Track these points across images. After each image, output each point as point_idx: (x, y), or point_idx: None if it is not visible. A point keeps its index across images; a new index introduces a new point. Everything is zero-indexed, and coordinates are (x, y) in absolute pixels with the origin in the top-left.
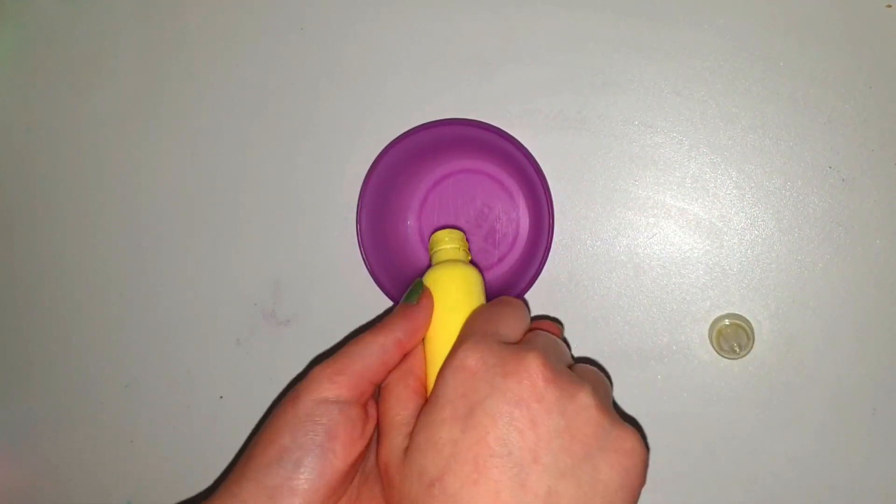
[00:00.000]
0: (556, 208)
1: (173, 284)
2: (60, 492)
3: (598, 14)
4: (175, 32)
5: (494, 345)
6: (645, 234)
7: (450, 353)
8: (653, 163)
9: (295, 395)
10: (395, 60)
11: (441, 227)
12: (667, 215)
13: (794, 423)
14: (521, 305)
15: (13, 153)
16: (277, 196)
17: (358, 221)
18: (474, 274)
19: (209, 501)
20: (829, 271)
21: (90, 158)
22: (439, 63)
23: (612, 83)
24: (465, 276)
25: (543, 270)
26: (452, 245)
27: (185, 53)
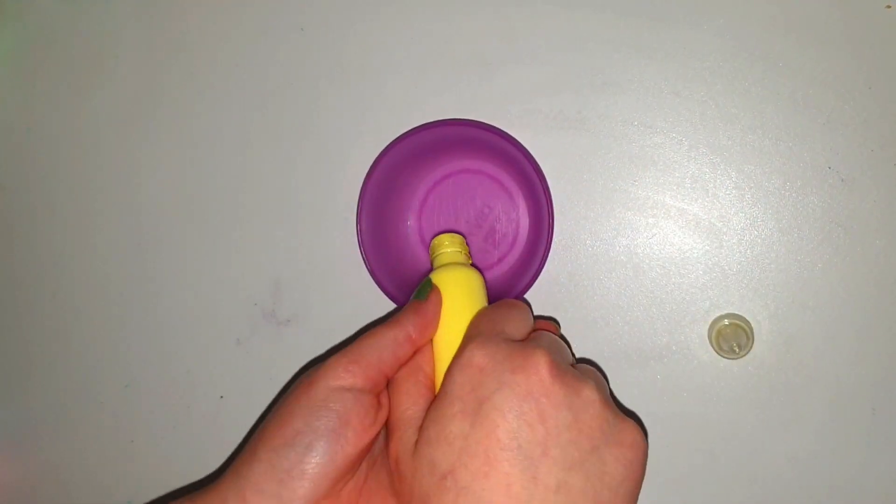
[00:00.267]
0: (556, 208)
1: (173, 284)
2: (60, 492)
3: (598, 14)
4: (175, 32)
5: (502, 342)
6: (645, 234)
7: (458, 352)
8: (652, 163)
9: (310, 380)
10: (395, 60)
11: (441, 232)
12: (666, 215)
13: (793, 423)
14: (525, 307)
15: (13, 153)
16: (277, 196)
17: (358, 221)
18: (476, 276)
19: (218, 482)
20: (828, 271)
21: (90, 158)
22: (439, 63)
23: (612, 83)
24: (467, 279)
25: (543, 270)
26: (454, 248)
27: (185, 53)
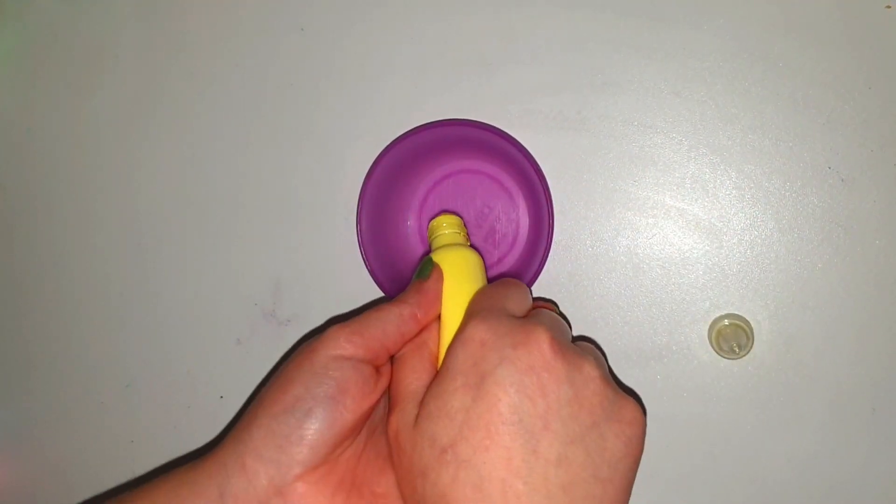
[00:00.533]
0: (556, 208)
1: (173, 284)
2: (61, 492)
3: (598, 14)
4: (175, 32)
5: (504, 318)
6: (645, 234)
7: (459, 328)
8: (652, 163)
9: (311, 349)
10: (395, 60)
11: (439, 213)
12: (666, 216)
13: (793, 423)
14: (524, 286)
15: (13, 153)
16: (277, 196)
17: (358, 221)
18: (475, 256)
19: (218, 449)
20: (828, 271)
21: (90, 158)
22: (439, 63)
23: (612, 83)
24: (466, 258)
25: (543, 271)
26: (451, 230)
27: (185, 53)
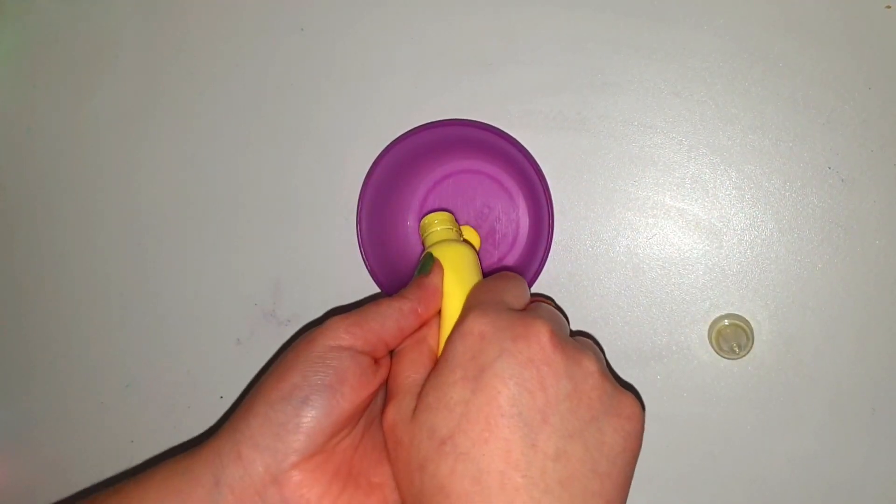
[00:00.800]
0: (556, 208)
1: (173, 284)
2: (61, 492)
3: (598, 14)
4: (175, 33)
5: (503, 311)
6: (645, 234)
7: (458, 321)
8: (652, 163)
9: (310, 338)
10: (395, 61)
11: (429, 212)
12: (666, 216)
13: (793, 423)
14: (521, 280)
15: (13, 153)
16: (277, 196)
17: (358, 222)
18: (470, 251)
19: (215, 437)
20: (828, 272)
21: (90, 158)
22: (439, 63)
23: (612, 83)
24: (462, 253)
25: (543, 271)
26: (443, 226)
27: (186, 53)
